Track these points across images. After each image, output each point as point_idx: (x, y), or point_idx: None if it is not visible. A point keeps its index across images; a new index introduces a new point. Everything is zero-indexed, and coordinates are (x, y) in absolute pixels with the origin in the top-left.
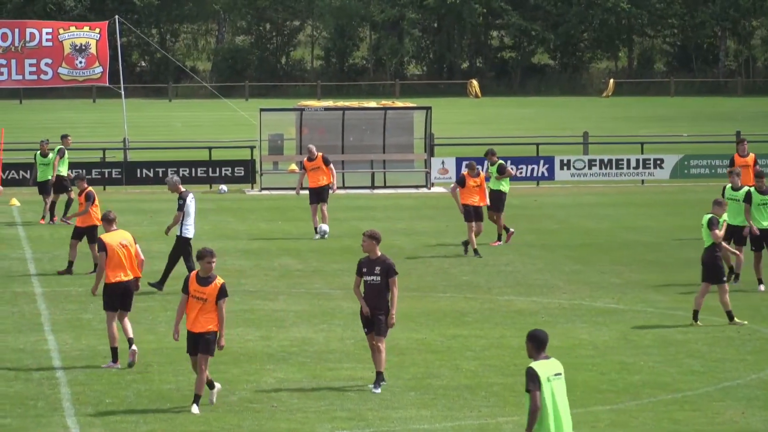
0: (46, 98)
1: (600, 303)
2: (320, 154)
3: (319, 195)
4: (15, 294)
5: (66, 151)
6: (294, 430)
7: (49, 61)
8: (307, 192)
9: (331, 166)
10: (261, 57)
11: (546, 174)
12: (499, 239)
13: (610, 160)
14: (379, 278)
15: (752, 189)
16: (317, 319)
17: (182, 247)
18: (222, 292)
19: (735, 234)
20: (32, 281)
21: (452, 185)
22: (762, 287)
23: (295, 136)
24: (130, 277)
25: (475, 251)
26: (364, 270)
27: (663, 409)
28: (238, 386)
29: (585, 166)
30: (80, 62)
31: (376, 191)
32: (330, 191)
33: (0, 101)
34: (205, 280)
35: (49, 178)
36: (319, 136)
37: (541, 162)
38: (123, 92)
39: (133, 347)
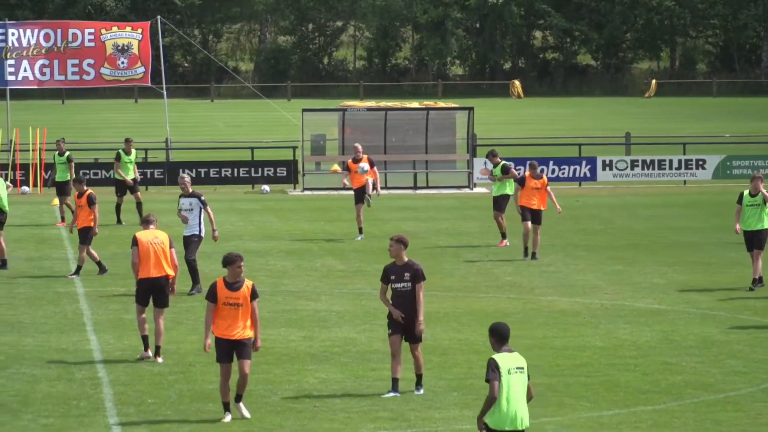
0: (88, 98)
1: (642, 303)
2: (366, 155)
3: (362, 196)
4: (58, 294)
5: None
6: (336, 430)
7: (92, 61)
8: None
9: (375, 168)
10: (303, 57)
11: (588, 174)
12: (504, 238)
13: (652, 161)
14: (409, 284)
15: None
16: (360, 319)
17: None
18: (254, 293)
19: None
20: (75, 281)
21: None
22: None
23: (337, 137)
24: (162, 273)
25: (531, 253)
26: (392, 277)
27: (705, 409)
28: (281, 386)
29: (627, 167)
30: (122, 62)
31: (418, 191)
32: (375, 193)
33: (42, 101)
34: (234, 285)
35: (68, 179)
36: (361, 137)
37: (584, 162)
38: (165, 92)
39: (154, 357)
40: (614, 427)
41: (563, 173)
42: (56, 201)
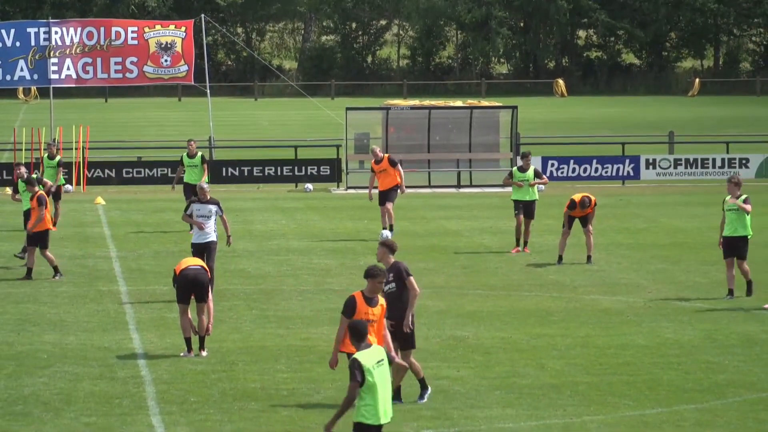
0: (131, 97)
1: (685, 302)
2: (386, 155)
3: (386, 196)
4: (100, 293)
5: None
6: None
7: (135, 59)
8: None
9: (399, 166)
10: (347, 56)
11: (632, 173)
12: (526, 246)
13: (695, 160)
14: (394, 285)
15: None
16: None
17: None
18: (383, 312)
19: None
20: (117, 280)
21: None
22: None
23: (381, 135)
24: (198, 263)
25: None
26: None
27: (748, 408)
28: (323, 385)
29: (670, 166)
30: (166, 60)
31: (461, 190)
32: (399, 191)
33: (86, 100)
34: (373, 300)
35: (59, 184)
36: (405, 135)
37: (627, 161)
38: (209, 91)
39: (199, 350)
40: (657, 426)
41: (606, 172)
42: (99, 200)
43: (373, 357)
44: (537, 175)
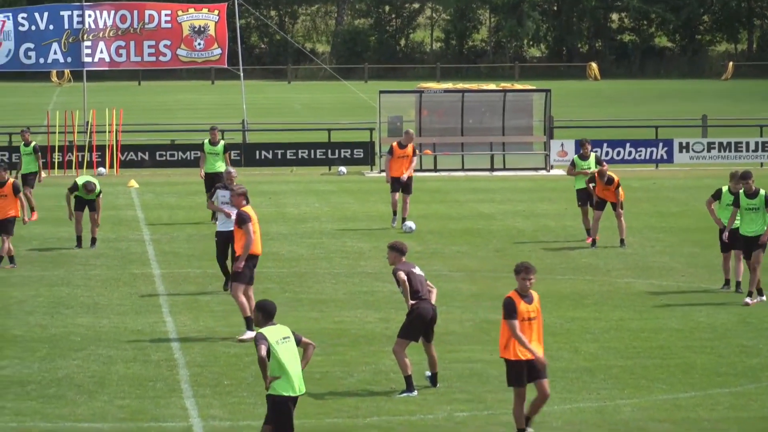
0: (164, 80)
1: (719, 286)
2: (412, 144)
3: (405, 186)
4: (134, 276)
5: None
6: (412, 412)
7: (168, 42)
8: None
9: (416, 157)
10: (380, 39)
11: (665, 157)
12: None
13: (729, 143)
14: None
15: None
16: (436, 301)
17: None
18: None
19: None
20: (151, 263)
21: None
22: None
23: (414, 118)
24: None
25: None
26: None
27: None
28: (357, 368)
29: (704, 149)
30: (199, 44)
31: (495, 173)
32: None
33: (119, 83)
34: (528, 298)
35: (35, 170)
36: (438, 119)
37: (660, 145)
38: (242, 74)
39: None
40: (691, 410)
41: (640, 155)
42: (132, 183)
43: (278, 333)
44: (599, 161)
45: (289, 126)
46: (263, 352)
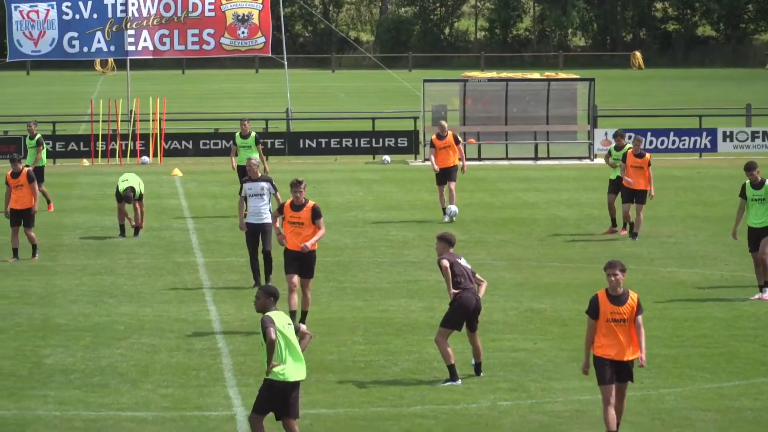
0: (208, 68)
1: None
2: (451, 132)
3: (447, 175)
4: (177, 264)
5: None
6: (456, 401)
7: (212, 31)
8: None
9: (461, 145)
10: (424, 28)
11: (708, 146)
12: (625, 228)
13: None
14: None
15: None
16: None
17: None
18: (640, 307)
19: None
20: (194, 252)
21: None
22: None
23: (458, 107)
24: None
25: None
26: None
27: None
28: (401, 357)
29: (748, 138)
30: (242, 32)
31: (539, 162)
32: (461, 171)
33: (163, 71)
34: (618, 299)
35: (40, 165)
36: (482, 108)
37: (704, 134)
38: (286, 63)
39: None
40: (734, 399)
41: (684, 144)
42: (176, 171)
43: (284, 319)
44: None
45: (333, 115)
46: (273, 335)
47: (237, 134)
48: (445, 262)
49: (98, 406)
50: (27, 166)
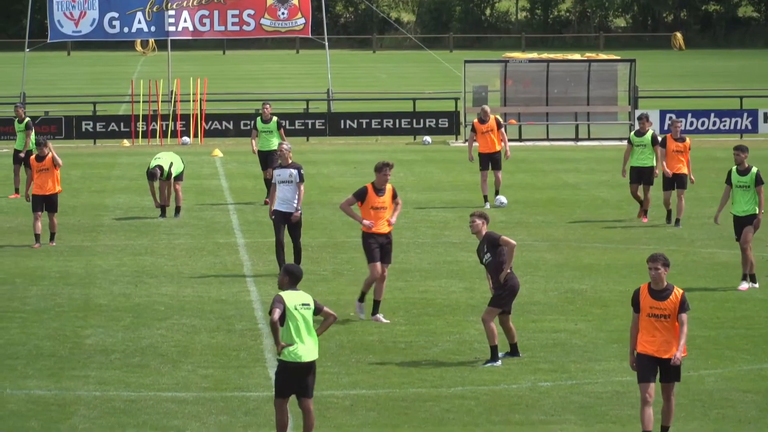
0: (249, 49)
1: None
2: (494, 116)
3: (491, 160)
4: (217, 245)
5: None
6: (496, 382)
7: (252, 12)
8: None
9: (503, 130)
10: (466, 9)
11: (749, 127)
12: (645, 215)
13: None
14: (490, 255)
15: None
16: (520, 270)
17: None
18: (684, 305)
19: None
20: (235, 232)
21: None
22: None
23: (499, 88)
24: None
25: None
26: (480, 255)
27: None
28: (441, 338)
29: None
30: (282, 13)
31: (579, 143)
32: (505, 157)
33: (203, 52)
34: (659, 293)
35: (29, 148)
36: (523, 88)
37: (745, 115)
38: (326, 44)
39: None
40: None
41: (724, 125)
42: (216, 152)
43: (298, 299)
44: (654, 141)
45: (374, 95)
46: (276, 316)
47: (258, 118)
48: (514, 241)
49: (138, 387)
50: (17, 150)
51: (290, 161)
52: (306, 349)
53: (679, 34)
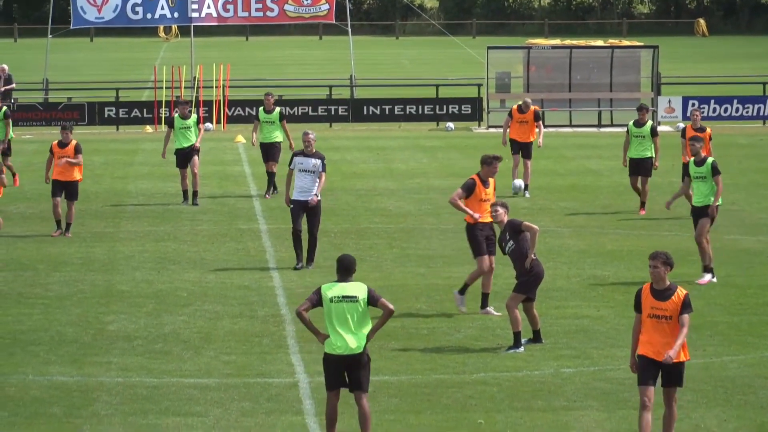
0: (272, 35)
1: None
2: (534, 107)
3: (522, 148)
4: (240, 231)
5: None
6: (519, 368)
7: None
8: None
9: (541, 122)
10: None
11: None
12: (643, 207)
13: None
14: (512, 242)
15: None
16: (543, 257)
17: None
18: (686, 306)
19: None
20: (257, 218)
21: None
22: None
23: (522, 74)
24: None
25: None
26: (502, 244)
27: None
28: (464, 324)
29: None
30: None
31: (602, 129)
32: (537, 146)
33: (227, 38)
34: (661, 293)
35: (7, 138)
36: (546, 75)
37: None
38: (350, 30)
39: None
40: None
41: (747, 112)
42: (239, 138)
43: (341, 291)
44: (653, 132)
45: (397, 82)
46: (302, 308)
47: (261, 109)
48: (536, 226)
49: (161, 373)
50: None
51: (314, 150)
52: (342, 341)
53: (702, 21)
